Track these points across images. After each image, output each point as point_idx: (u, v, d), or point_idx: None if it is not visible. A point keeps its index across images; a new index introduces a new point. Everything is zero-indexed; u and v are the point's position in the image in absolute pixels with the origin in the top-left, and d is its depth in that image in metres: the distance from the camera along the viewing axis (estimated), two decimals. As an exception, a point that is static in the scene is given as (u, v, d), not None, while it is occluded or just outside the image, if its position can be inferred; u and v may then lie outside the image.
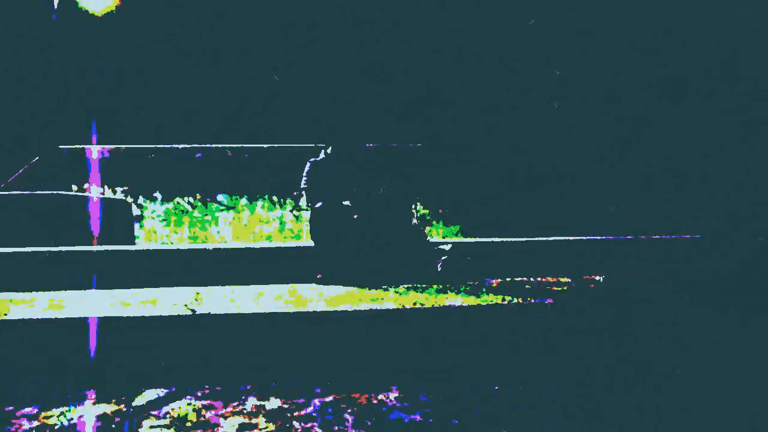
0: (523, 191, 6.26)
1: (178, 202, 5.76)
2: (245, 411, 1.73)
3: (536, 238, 3.97)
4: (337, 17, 6.65)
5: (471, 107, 6.67)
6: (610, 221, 6.08)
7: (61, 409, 1.75)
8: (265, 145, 6.29)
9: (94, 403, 1.80)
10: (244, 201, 5.89)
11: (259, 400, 1.83)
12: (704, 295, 2.70)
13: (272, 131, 6.56)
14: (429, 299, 2.55)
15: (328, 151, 3.81)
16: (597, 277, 3.52)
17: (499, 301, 2.46)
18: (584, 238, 4.00)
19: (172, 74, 6.47)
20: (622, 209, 6.17)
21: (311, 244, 3.69)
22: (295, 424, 1.61)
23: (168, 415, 1.69)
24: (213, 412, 1.72)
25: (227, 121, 6.50)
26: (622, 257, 3.98)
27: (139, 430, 1.57)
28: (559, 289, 2.94)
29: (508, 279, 3.48)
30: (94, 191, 5.88)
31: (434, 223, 5.59)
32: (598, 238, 4.00)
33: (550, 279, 3.46)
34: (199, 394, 1.90)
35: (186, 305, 2.36)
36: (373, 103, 6.60)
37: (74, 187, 5.91)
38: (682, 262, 4.00)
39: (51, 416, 1.68)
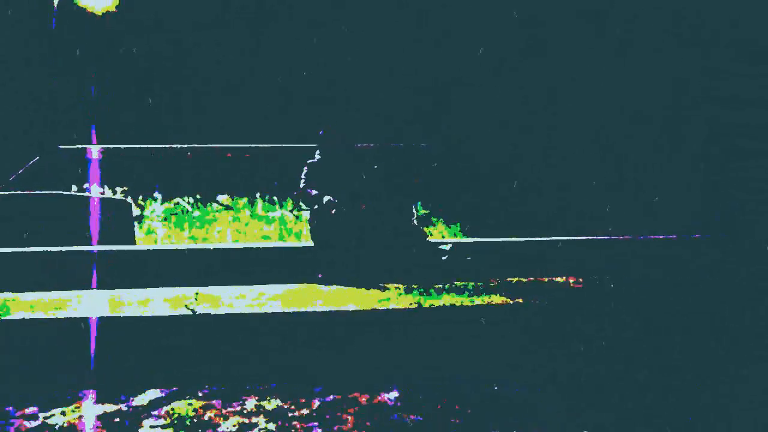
0: (523, 191, 6.26)
1: (178, 203, 5.76)
2: (245, 411, 1.73)
3: (536, 238, 3.96)
4: (338, 15, 6.65)
5: (472, 107, 6.67)
6: (610, 221, 6.08)
7: (61, 409, 1.75)
8: (265, 145, 6.28)
9: (94, 403, 1.80)
10: (244, 201, 5.89)
11: (259, 400, 1.83)
12: (703, 295, 2.70)
13: (272, 131, 6.56)
14: (429, 299, 2.55)
15: (323, 151, 3.81)
16: (597, 277, 3.52)
17: (499, 301, 2.46)
18: (584, 238, 4.00)
19: (172, 74, 6.47)
20: (621, 209, 6.17)
21: (311, 244, 3.69)
22: (295, 424, 1.61)
23: (168, 415, 1.69)
24: (213, 412, 1.72)
25: (227, 121, 6.50)
26: (622, 257, 3.98)
27: (139, 430, 1.57)
28: (560, 289, 2.94)
29: (508, 279, 3.48)
30: (94, 191, 5.88)
31: (434, 222, 5.59)
32: (599, 238, 4.00)
33: (550, 279, 3.46)
34: (199, 394, 1.90)
35: (186, 305, 2.36)
36: (372, 102, 6.60)
37: (74, 187, 5.91)
38: (683, 262, 4.00)
39: (51, 416, 1.68)
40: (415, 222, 3.57)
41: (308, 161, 3.81)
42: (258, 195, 6.08)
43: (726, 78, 6.15)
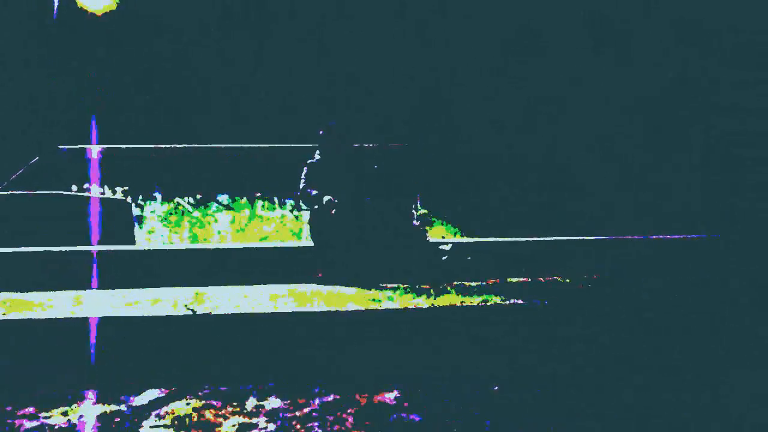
0: (523, 191, 6.26)
1: (178, 202, 5.76)
2: (245, 411, 1.73)
3: (536, 238, 3.96)
4: (338, 15, 6.65)
5: (472, 107, 6.67)
6: (611, 221, 6.08)
7: (61, 409, 1.75)
8: (265, 145, 6.28)
9: (94, 403, 1.80)
10: (244, 201, 5.89)
11: (259, 400, 1.83)
12: (704, 295, 2.70)
13: (272, 131, 6.56)
14: (429, 299, 2.55)
15: (323, 151, 3.81)
16: (597, 277, 3.52)
17: (499, 301, 2.46)
18: (585, 238, 4.00)
19: (172, 74, 6.47)
20: (622, 209, 6.17)
21: (311, 244, 3.69)
22: (295, 424, 1.61)
23: (168, 415, 1.69)
24: (213, 412, 1.72)
25: (227, 121, 6.50)
26: (623, 257, 3.98)
27: (139, 430, 1.57)
28: (560, 289, 2.94)
29: (507, 279, 3.48)
30: (94, 191, 5.88)
31: (435, 222, 5.59)
32: (599, 238, 4.00)
33: (550, 279, 3.46)
34: (199, 394, 1.90)
35: (186, 305, 2.36)
36: (372, 102, 6.60)
37: (74, 187, 5.91)
38: (683, 262, 4.00)
39: (51, 416, 1.68)
40: (415, 222, 3.57)
41: (308, 161, 3.81)
42: (258, 195, 6.08)
43: (729, 83, 6.14)
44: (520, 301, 2.47)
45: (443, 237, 5.44)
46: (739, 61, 6.20)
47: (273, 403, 1.80)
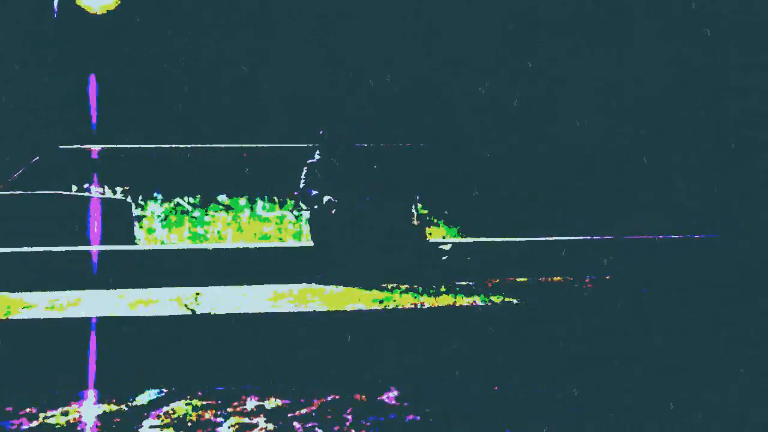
0: (523, 191, 6.26)
1: (178, 203, 5.76)
2: (245, 411, 1.73)
3: (536, 238, 3.96)
4: (336, 14, 6.65)
5: (472, 107, 6.67)
6: (611, 221, 6.08)
7: (61, 409, 1.75)
8: (265, 145, 6.28)
9: (94, 403, 1.80)
10: (244, 201, 5.89)
11: (259, 400, 1.83)
12: (704, 295, 2.70)
13: (272, 131, 6.56)
14: (429, 299, 2.55)
15: (323, 151, 3.81)
16: (597, 277, 3.52)
17: (499, 301, 2.46)
18: (584, 238, 4.00)
19: (172, 74, 6.47)
20: (621, 209, 6.17)
21: (311, 244, 3.69)
22: (295, 424, 1.61)
23: (168, 415, 1.69)
24: (213, 412, 1.72)
25: (227, 121, 6.50)
26: (623, 257, 3.98)
27: (139, 430, 1.57)
28: (560, 289, 2.94)
29: (508, 279, 3.48)
30: (94, 191, 5.88)
31: (435, 222, 5.59)
32: (598, 238, 4.00)
33: (549, 279, 3.46)
34: (200, 394, 1.90)
35: (186, 305, 2.36)
36: (372, 102, 6.60)
37: (74, 187, 5.91)
38: (685, 261, 4.00)
39: (51, 416, 1.68)
40: (415, 222, 3.57)
41: (308, 161, 3.81)
42: (258, 195, 6.08)
43: (729, 77, 6.14)
44: (519, 301, 2.46)
45: (443, 237, 5.43)
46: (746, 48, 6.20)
47: (273, 403, 1.80)
